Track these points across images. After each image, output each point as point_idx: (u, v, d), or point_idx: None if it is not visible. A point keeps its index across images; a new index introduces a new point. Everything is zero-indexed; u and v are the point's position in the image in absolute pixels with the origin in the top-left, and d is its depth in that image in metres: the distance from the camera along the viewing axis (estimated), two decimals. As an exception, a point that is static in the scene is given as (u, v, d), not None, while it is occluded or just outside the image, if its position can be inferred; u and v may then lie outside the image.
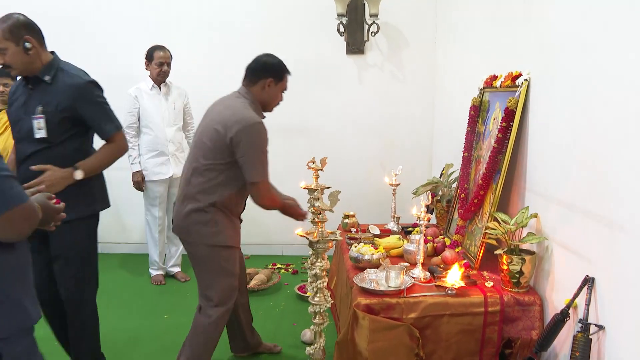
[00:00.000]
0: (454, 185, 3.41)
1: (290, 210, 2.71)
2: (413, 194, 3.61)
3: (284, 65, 2.72)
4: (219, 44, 4.72)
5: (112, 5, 4.67)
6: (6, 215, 1.42)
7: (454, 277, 2.44)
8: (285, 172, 4.57)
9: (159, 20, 4.69)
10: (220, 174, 2.49)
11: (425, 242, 2.88)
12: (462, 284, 2.41)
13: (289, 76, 2.74)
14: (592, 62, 2.02)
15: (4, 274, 1.54)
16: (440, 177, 3.62)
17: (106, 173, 2.63)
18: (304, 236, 2.41)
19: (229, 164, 2.47)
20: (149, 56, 4.01)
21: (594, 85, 2.01)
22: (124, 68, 4.60)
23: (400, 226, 3.48)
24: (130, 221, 4.95)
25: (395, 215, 3.50)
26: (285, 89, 2.76)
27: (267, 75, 2.63)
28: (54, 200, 1.72)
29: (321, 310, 2.44)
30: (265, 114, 2.75)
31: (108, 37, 4.68)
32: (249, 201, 2.67)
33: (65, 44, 4.68)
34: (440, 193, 3.53)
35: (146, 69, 4.07)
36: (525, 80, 2.57)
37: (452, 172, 3.52)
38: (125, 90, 4.07)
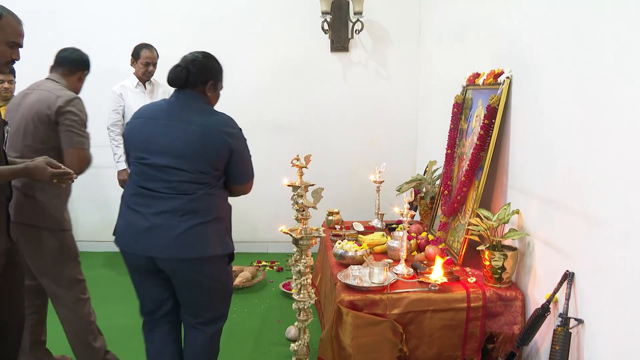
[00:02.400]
0: (438, 182, 3.43)
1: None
2: (397, 191, 3.62)
3: None
4: (202, 41, 4.68)
5: (96, 7, 4.64)
6: None
7: (437, 271, 2.46)
8: (270, 169, 4.58)
9: (143, 18, 4.67)
10: None
11: (409, 238, 2.90)
12: (445, 280, 2.43)
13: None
14: (572, 60, 2.05)
15: None
16: (424, 174, 3.64)
17: (94, 171, 2.61)
18: (287, 233, 2.42)
19: None
20: (136, 54, 3.99)
21: (574, 83, 2.04)
22: (108, 64, 4.57)
23: (384, 223, 3.50)
24: (115, 219, 4.90)
25: (379, 212, 3.52)
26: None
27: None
28: None
29: (305, 307, 2.45)
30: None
31: (92, 33, 4.64)
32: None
33: (47, 39, 4.67)
34: (424, 190, 3.55)
35: (131, 65, 4.05)
36: (507, 78, 2.60)
37: (436, 169, 3.55)
38: (109, 88, 4.05)
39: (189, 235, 2.07)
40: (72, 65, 2.67)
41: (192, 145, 2.10)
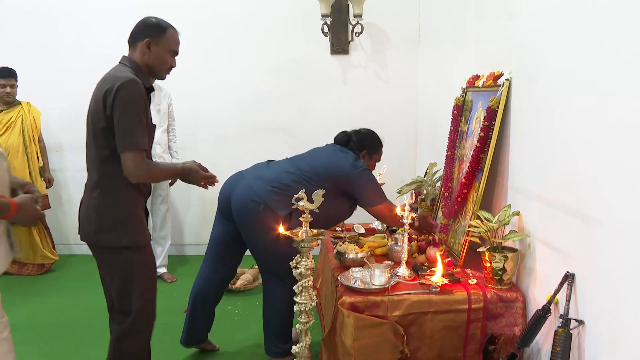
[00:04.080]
0: (438, 184, 3.44)
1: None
2: (398, 193, 3.63)
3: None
4: (201, 45, 4.72)
5: (99, 4, 4.66)
6: None
7: (439, 272, 2.47)
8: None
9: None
10: None
11: (410, 240, 2.91)
12: (445, 281, 2.44)
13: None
14: (571, 62, 2.06)
15: None
16: (424, 176, 3.64)
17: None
18: (288, 235, 2.42)
19: None
20: None
21: (572, 84, 2.04)
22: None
23: (385, 225, 3.50)
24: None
25: (380, 214, 3.52)
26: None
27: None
28: None
29: (306, 309, 2.45)
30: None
31: (93, 36, 4.66)
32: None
33: (51, 42, 4.69)
34: (424, 192, 3.56)
35: None
36: (507, 80, 2.61)
37: (437, 171, 3.55)
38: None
39: None
40: None
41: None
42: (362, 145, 2.99)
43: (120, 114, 2.06)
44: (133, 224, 2.22)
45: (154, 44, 2.29)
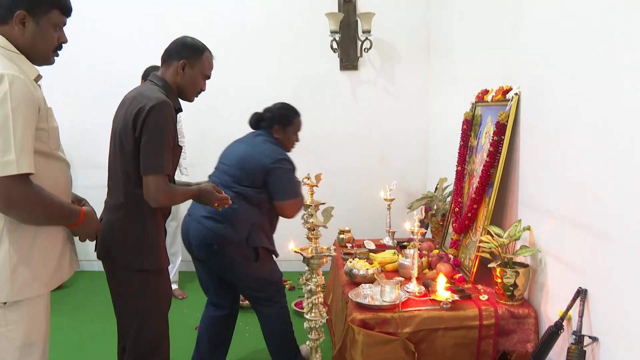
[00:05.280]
0: (449, 199, 3.43)
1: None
2: (408, 208, 3.62)
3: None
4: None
5: (116, 18, 4.73)
6: None
7: (441, 286, 2.46)
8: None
9: (158, 38, 4.73)
10: None
11: (420, 256, 2.89)
12: (456, 297, 2.42)
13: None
14: (580, 77, 2.06)
15: None
16: (435, 192, 3.64)
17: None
18: (298, 252, 2.42)
19: None
20: (146, 76, 4.04)
21: (581, 99, 2.04)
22: (125, 84, 4.64)
23: (395, 241, 3.49)
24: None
25: (390, 230, 3.52)
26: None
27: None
28: None
29: (317, 326, 2.44)
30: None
31: (103, 51, 4.72)
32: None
33: (60, 57, 4.75)
34: (435, 207, 3.55)
35: None
36: (516, 94, 2.61)
37: (447, 186, 3.55)
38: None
39: None
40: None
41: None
42: (273, 121, 2.95)
43: (149, 136, 2.00)
44: (157, 247, 2.17)
45: (189, 65, 2.27)
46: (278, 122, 2.95)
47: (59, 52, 1.79)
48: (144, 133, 2.00)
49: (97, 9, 4.70)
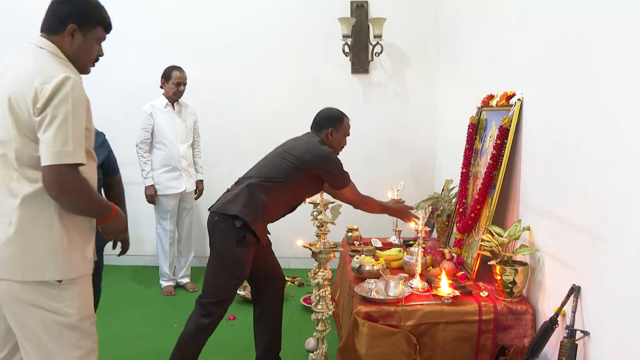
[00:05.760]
0: (454, 200, 3.53)
1: None
2: (415, 208, 3.73)
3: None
4: (226, 65, 4.90)
5: (130, 25, 4.87)
6: None
7: (444, 284, 2.57)
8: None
9: (174, 42, 4.88)
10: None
11: (424, 254, 3.00)
12: (457, 293, 2.53)
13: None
14: (581, 83, 2.15)
15: None
16: (441, 193, 3.74)
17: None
18: (307, 247, 2.54)
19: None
20: (167, 75, 4.18)
21: (582, 105, 2.14)
22: (139, 85, 4.80)
23: (401, 239, 3.60)
24: (143, 234, 5.07)
25: (397, 229, 3.63)
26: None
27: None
28: None
29: (323, 318, 2.57)
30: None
31: (119, 61, 4.87)
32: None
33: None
34: (441, 208, 3.65)
35: (162, 87, 4.23)
36: (519, 99, 2.71)
37: (453, 188, 3.65)
38: (139, 107, 4.25)
39: None
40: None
41: None
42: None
43: None
44: None
45: (335, 130, 3.04)
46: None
47: (95, 63, 1.99)
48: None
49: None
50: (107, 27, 1.96)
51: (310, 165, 2.78)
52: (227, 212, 2.63)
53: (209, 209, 2.77)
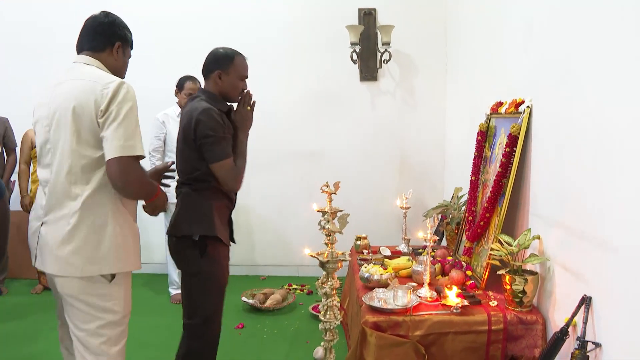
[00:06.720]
0: (463, 208, 3.51)
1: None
2: (424, 216, 3.71)
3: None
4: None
5: (143, 34, 4.90)
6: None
7: (453, 294, 2.54)
8: (301, 194, 4.72)
9: (184, 52, 4.91)
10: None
11: (433, 263, 2.98)
12: (466, 303, 2.50)
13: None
14: (588, 90, 2.14)
15: None
16: (450, 201, 3.72)
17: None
18: (314, 256, 2.53)
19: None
20: (180, 85, 4.20)
21: (590, 113, 2.12)
22: (153, 93, 4.82)
23: (411, 248, 3.58)
24: (152, 242, 5.08)
25: (406, 237, 3.61)
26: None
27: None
28: None
29: (331, 327, 2.55)
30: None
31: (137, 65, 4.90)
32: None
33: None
34: (450, 216, 3.63)
35: (176, 96, 4.26)
36: (527, 107, 2.69)
37: (462, 196, 3.63)
38: (152, 115, 4.26)
39: None
40: None
41: None
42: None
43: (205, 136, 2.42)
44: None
45: (224, 74, 2.55)
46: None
47: None
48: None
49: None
50: (132, 45, 2.27)
51: (194, 140, 2.40)
52: (181, 234, 2.50)
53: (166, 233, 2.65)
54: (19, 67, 5.09)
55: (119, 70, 2.16)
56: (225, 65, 2.55)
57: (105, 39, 2.11)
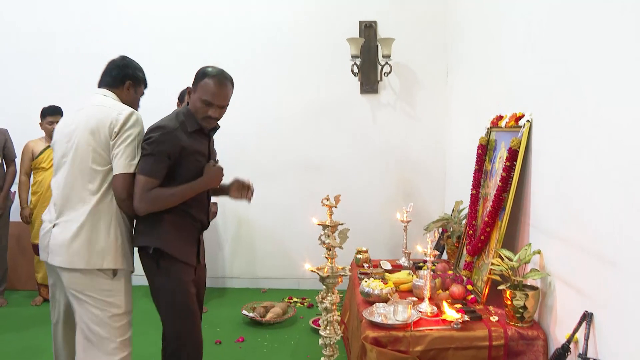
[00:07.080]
0: (464, 221, 3.50)
1: None
2: (425, 230, 3.70)
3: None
4: (237, 86, 4.90)
5: (146, 47, 4.94)
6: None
7: (448, 310, 2.54)
8: (301, 207, 4.71)
9: (186, 63, 4.92)
10: None
11: (434, 277, 2.97)
12: (467, 318, 2.49)
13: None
14: (589, 104, 2.14)
15: None
16: (451, 214, 3.71)
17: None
18: (314, 271, 2.52)
19: None
20: (182, 98, 4.22)
21: (590, 128, 2.12)
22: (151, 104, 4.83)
23: (411, 261, 3.57)
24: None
25: (406, 251, 3.60)
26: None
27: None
28: None
29: (331, 342, 2.54)
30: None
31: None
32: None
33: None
34: (451, 229, 3.62)
35: (177, 107, 4.26)
36: (528, 121, 2.69)
37: (463, 209, 3.62)
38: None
39: None
40: None
41: None
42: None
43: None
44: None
45: (193, 91, 2.51)
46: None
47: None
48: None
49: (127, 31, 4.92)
50: (146, 85, 2.66)
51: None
52: (136, 245, 2.47)
53: None
54: (20, 77, 5.12)
55: (130, 103, 2.52)
56: (194, 82, 2.48)
57: (119, 78, 2.51)
